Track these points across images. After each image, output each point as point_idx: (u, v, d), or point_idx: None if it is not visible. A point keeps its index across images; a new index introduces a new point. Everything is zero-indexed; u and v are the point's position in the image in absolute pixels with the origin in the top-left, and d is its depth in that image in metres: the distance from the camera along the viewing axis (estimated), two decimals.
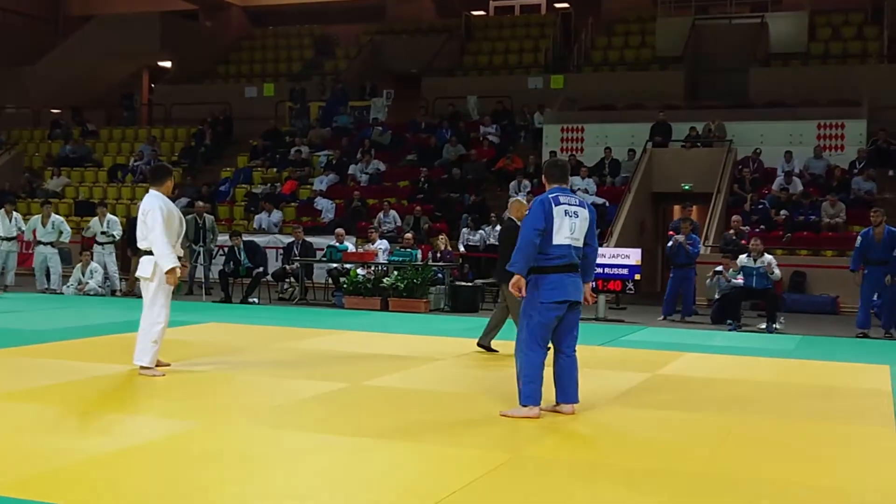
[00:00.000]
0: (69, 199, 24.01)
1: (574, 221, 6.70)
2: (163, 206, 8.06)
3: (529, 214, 6.68)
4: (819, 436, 6.65)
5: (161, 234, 7.96)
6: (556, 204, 6.64)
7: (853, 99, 21.33)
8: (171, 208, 8.18)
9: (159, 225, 7.98)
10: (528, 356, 6.65)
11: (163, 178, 8.36)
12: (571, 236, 6.69)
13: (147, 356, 8.06)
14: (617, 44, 27.00)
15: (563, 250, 6.66)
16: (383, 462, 5.63)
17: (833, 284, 16.61)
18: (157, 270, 8.02)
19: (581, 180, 20.47)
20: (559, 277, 6.64)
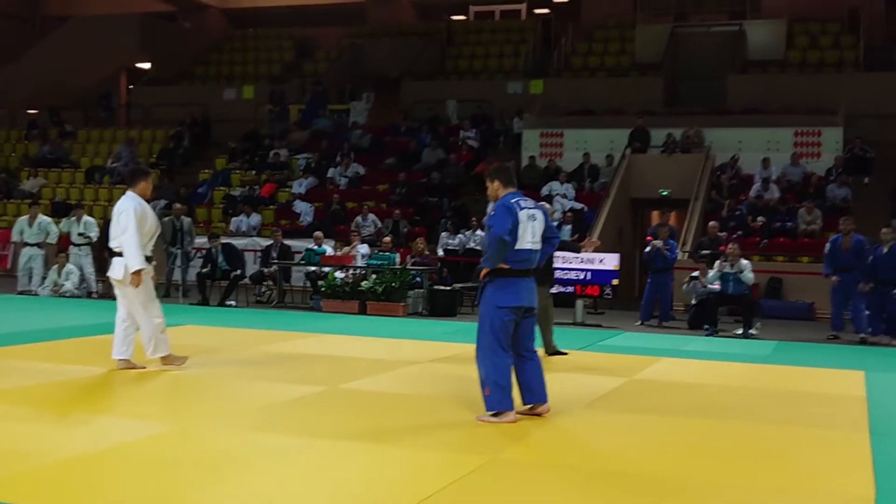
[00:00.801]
0: (46, 200, 23.83)
1: (535, 225, 6.81)
2: (137, 208, 8.13)
3: (497, 216, 6.71)
4: (793, 440, 6.69)
5: (133, 236, 8.05)
6: (519, 209, 6.72)
7: (830, 107, 21.50)
8: (145, 210, 8.24)
9: (132, 226, 8.06)
10: (494, 361, 6.66)
11: (137, 180, 8.42)
12: (533, 240, 6.80)
13: (163, 347, 8.32)
14: (597, 50, 27.11)
15: (524, 254, 6.76)
16: (360, 465, 5.62)
17: (809, 290, 16.73)
18: (128, 268, 8.12)
19: (560, 185, 20.53)
20: (516, 282, 6.73)
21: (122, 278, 8.15)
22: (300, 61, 30.04)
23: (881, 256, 13.34)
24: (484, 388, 6.71)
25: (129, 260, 8.07)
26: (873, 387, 9.02)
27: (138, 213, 8.11)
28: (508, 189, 6.90)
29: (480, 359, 6.76)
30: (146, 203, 8.36)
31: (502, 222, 6.65)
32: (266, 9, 32.58)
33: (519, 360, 6.84)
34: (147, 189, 8.43)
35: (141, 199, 8.28)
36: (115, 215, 8.23)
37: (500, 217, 6.68)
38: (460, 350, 10.68)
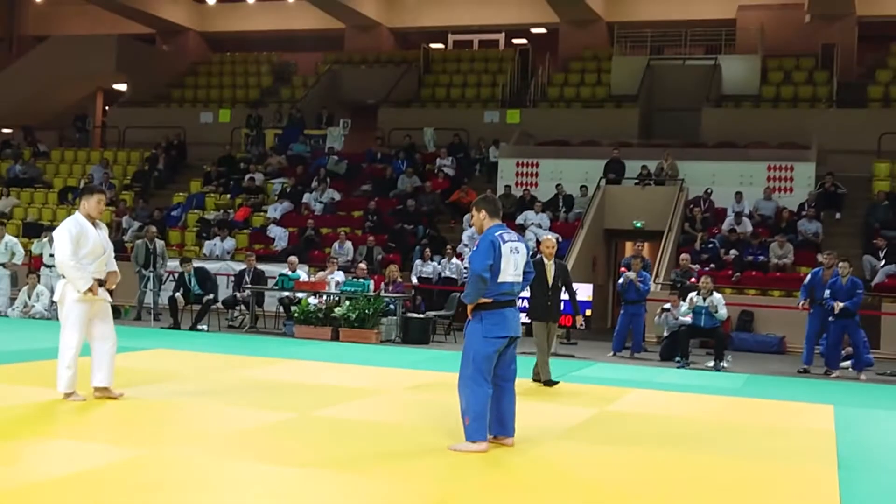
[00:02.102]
0: (17, 220, 23.65)
1: (517, 258, 6.88)
2: (72, 229, 7.91)
3: (480, 252, 6.76)
4: (762, 473, 6.71)
5: (66, 257, 7.83)
6: (502, 242, 6.79)
7: (802, 142, 21.75)
8: (83, 230, 7.95)
9: (65, 247, 7.85)
10: (476, 392, 6.68)
11: (82, 199, 8.18)
12: (515, 273, 6.86)
13: (62, 382, 7.90)
14: (573, 81, 27.33)
15: (507, 287, 6.83)
16: (330, 493, 5.59)
17: (780, 324, 16.84)
18: (64, 292, 7.95)
19: (535, 215, 20.61)
20: (502, 312, 6.80)
21: (59, 298, 8.05)
22: (278, 86, 30.07)
23: (839, 289, 13.45)
24: (464, 418, 6.73)
25: (72, 282, 7.87)
26: (842, 421, 9.07)
27: (73, 234, 7.88)
28: (494, 220, 6.95)
29: (462, 388, 6.77)
30: (89, 223, 8.03)
31: (482, 259, 6.71)
32: (244, 33, 32.65)
33: (496, 390, 6.85)
34: (93, 207, 8.08)
35: (83, 219, 8.01)
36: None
37: (482, 253, 6.73)
38: (433, 378, 10.67)
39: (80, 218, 8.03)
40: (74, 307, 7.92)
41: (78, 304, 7.91)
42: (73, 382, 7.92)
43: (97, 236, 8.05)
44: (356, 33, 30.87)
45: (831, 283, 13.55)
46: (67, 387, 7.89)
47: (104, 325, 8.15)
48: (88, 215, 8.08)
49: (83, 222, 8.01)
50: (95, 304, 8.04)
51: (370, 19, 30.03)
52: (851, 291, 13.39)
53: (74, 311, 7.93)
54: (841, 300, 13.32)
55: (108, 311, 8.23)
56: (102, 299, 8.10)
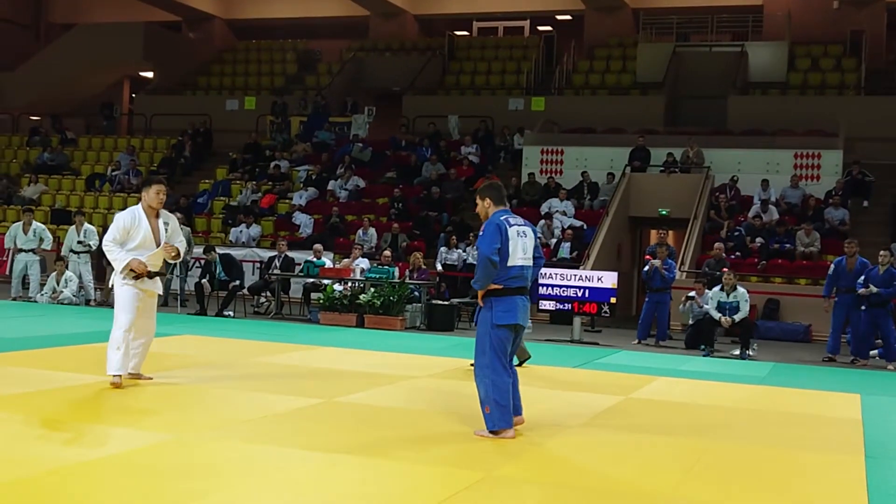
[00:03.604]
0: (45, 206, 23.86)
1: (525, 241, 6.87)
2: (126, 220, 8.06)
3: (486, 236, 6.75)
4: (788, 463, 6.69)
5: (106, 241, 8.07)
6: (508, 226, 6.79)
7: (830, 130, 21.57)
8: (138, 222, 8.07)
9: (109, 233, 8.08)
10: (496, 381, 6.68)
11: (142, 189, 8.32)
12: (524, 257, 6.86)
13: (111, 365, 7.96)
14: (598, 68, 27.21)
15: (517, 271, 6.81)
16: (355, 478, 5.62)
17: (806, 313, 16.73)
18: (114, 280, 8.10)
19: (559, 202, 20.57)
20: (513, 300, 6.80)
21: (111, 285, 8.22)
22: (303, 74, 30.12)
23: (876, 277, 13.38)
24: (484, 407, 6.74)
25: (113, 263, 8.12)
26: (869, 410, 9.03)
27: (124, 225, 8.03)
28: (499, 207, 6.94)
29: (480, 378, 6.77)
30: (145, 216, 8.12)
31: (490, 242, 6.70)
32: (270, 20, 32.70)
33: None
34: (152, 198, 8.15)
35: (140, 211, 8.12)
36: None
37: (489, 237, 6.73)
38: (457, 365, 10.70)
39: (138, 210, 8.12)
40: (123, 290, 8.02)
41: (126, 288, 8.00)
42: (122, 365, 7.98)
43: (148, 230, 8.07)
44: (381, 20, 30.87)
45: (868, 272, 13.47)
46: (116, 369, 7.94)
47: (146, 320, 8.23)
48: (149, 206, 8.14)
49: (140, 215, 8.09)
50: (144, 294, 8.12)
51: (394, 6, 30.03)
52: (889, 282, 13.30)
53: (123, 294, 8.01)
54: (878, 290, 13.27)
55: (153, 306, 8.33)
56: (149, 290, 8.16)
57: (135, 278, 8.01)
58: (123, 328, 7.95)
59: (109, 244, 8.03)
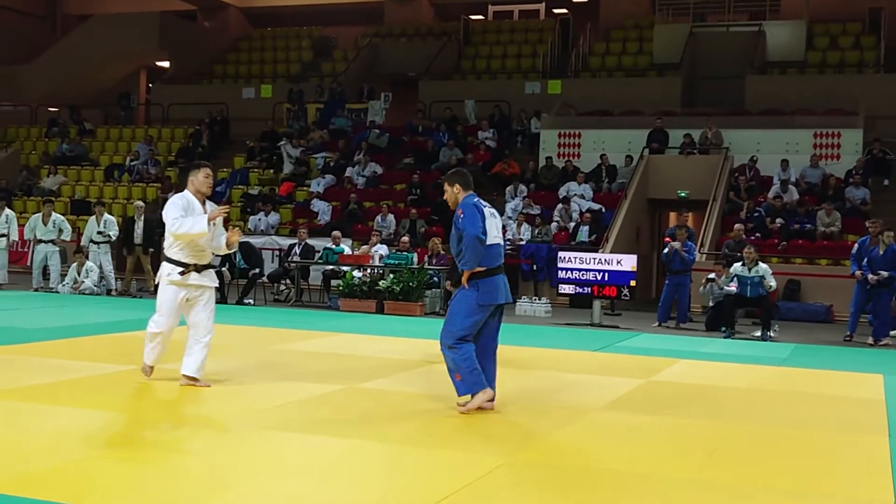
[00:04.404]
0: (65, 197, 24.00)
1: (496, 221, 7.19)
2: (179, 200, 7.52)
3: (468, 217, 6.95)
4: (812, 444, 6.67)
5: (171, 222, 7.40)
6: (483, 206, 7.08)
7: (849, 108, 21.40)
8: (191, 204, 7.53)
9: (170, 213, 7.42)
10: (461, 349, 6.88)
11: (189, 174, 7.76)
12: (498, 235, 7.14)
13: (147, 356, 7.79)
14: (615, 50, 27.07)
15: (497, 249, 7.10)
16: (378, 464, 5.65)
17: (827, 293, 16.66)
18: (160, 273, 7.64)
19: (577, 186, 20.52)
20: (495, 280, 7.03)
21: (157, 279, 7.75)
22: (318, 61, 30.11)
23: (877, 258, 13.35)
24: (454, 375, 6.94)
25: (192, 228, 7.36)
26: (892, 390, 8.99)
27: (181, 204, 7.48)
28: (468, 192, 7.16)
29: (446, 349, 6.96)
30: (197, 201, 7.58)
31: (475, 222, 6.90)
32: (285, 8, 32.68)
33: (483, 352, 7.07)
34: (201, 182, 7.63)
35: (191, 196, 7.58)
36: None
37: (471, 217, 6.93)
38: None
39: (187, 194, 7.60)
40: (166, 290, 7.58)
41: (171, 287, 7.54)
42: (157, 358, 7.76)
43: (202, 215, 7.51)
44: (396, 6, 30.79)
45: (870, 252, 13.43)
46: (149, 360, 7.78)
47: (203, 313, 7.66)
48: (198, 191, 7.63)
49: (192, 200, 7.58)
50: (191, 288, 7.58)
51: None
52: (893, 261, 13.24)
53: (165, 294, 7.59)
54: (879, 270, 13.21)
55: (210, 299, 7.71)
56: (200, 284, 7.61)
57: (181, 273, 7.48)
58: (161, 332, 7.62)
59: (177, 220, 7.36)
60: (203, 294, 7.66)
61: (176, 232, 7.41)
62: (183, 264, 7.54)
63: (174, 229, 7.41)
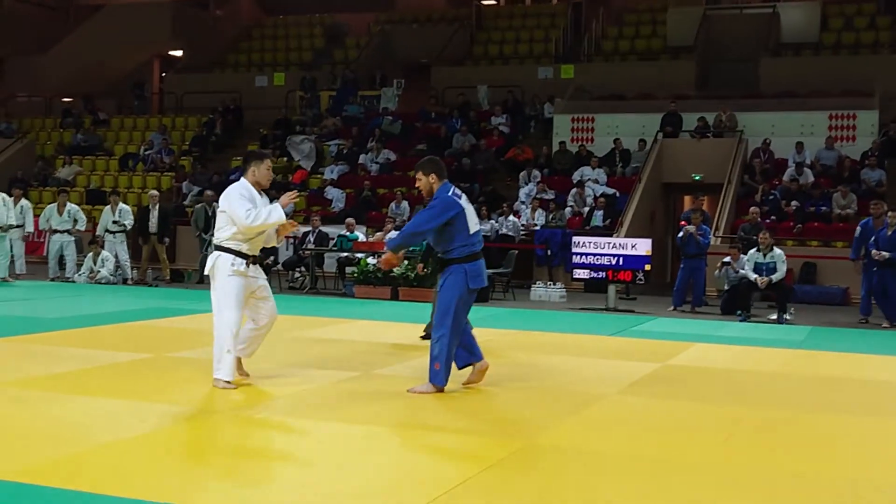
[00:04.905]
0: (80, 187, 24.09)
1: (472, 208, 7.38)
2: (244, 191, 7.11)
3: (436, 210, 7.10)
4: (828, 427, 6.66)
5: (243, 216, 6.97)
6: (458, 197, 7.24)
7: (865, 90, 21.25)
8: (252, 196, 7.13)
9: (241, 206, 6.99)
10: (452, 342, 7.10)
11: (251, 164, 7.29)
12: (476, 221, 7.35)
13: (224, 369, 7.06)
14: (628, 34, 26.95)
15: (477, 236, 7.29)
16: (393, 450, 5.67)
17: (843, 275, 16.58)
18: (216, 265, 7.11)
19: (591, 170, 20.48)
20: (480, 265, 7.25)
21: (209, 272, 7.19)
22: (331, 48, 30.08)
23: (884, 239, 13.30)
24: (434, 364, 7.07)
25: (269, 219, 7.02)
26: None
27: (247, 196, 7.07)
28: (442, 181, 7.27)
29: (440, 338, 7.07)
30: (256, 192, 7.17)
31: (435, 217, 7.09)
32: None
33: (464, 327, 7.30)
34: (263, 175, 7.25)
35: (250, 186, 7.16)
36: (222, 202, 7.18)
37: (438, 212, 7.09)
38: (492, 335, 10.72)
39: (247, 184, 7.19)
40: (231, 282, 7.06)
41: (234, 279, 7.07)
42: (234, 369, 7.15)
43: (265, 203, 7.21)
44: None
45: (877, 233, 13.39)
46: (228, 374, 7.08)
47: (267, 304, 7.33)
48: (257, 183, 7.21)
49: (251, 189, 7.16)
50: (250, 280, 7.18)
51: None
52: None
53: (230, 287, 7.06)
54: (886, 251, 13.17)
55: (269, 290, 7.39)
56: (255, 276, 7.23)
57: (248, 264, 7.12)
58: (232, 328, 7.06)
59: (250, 212, 6.95)
60: (259, 287, 7.27)
61: (252, 224, 6.98)
62: (244, 255, 7.11)
63: (249, 221, 6.96)
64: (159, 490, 4.60)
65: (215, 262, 7.14)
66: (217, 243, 7.22)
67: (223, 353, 7.08)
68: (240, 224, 7.00)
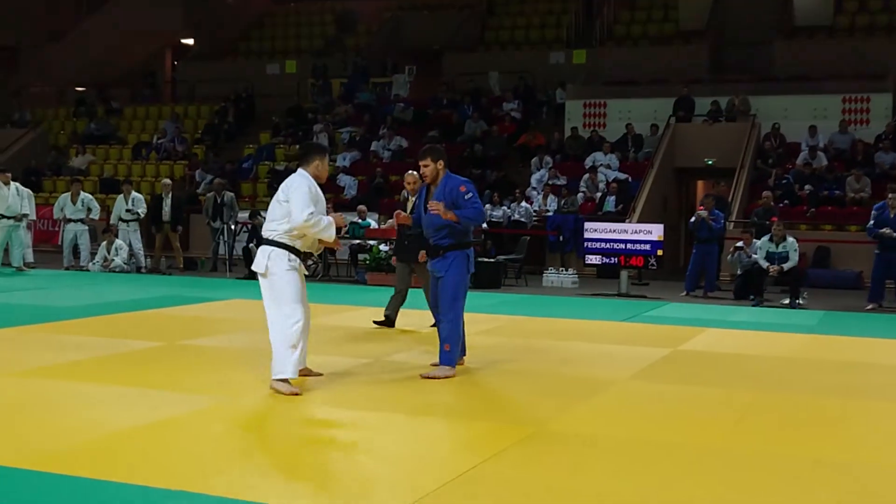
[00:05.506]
0: (94, 176, 24.18)
1: None
2: (312, 187, 6.82)
3: (475, 194, 7.40)
4: (841, 411, 6.65)
5: (303, 217, 6.68)
6: None
7: (879, 72, 21.10)
8: (318, 193, 6.88)
9: (305, 205, 6.71)
10: (459, 323, 7.38)
11: (311, 158, 6.99)
12: None
13: (289, 366, 6.72)
14: (639, 18, 26.80)
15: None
16: (406, 436, 5.69)
17: (857, 259, 16.52)
18: (273, 262, 6.80)
19: (604, 156, 20.43)
20: (473, 249, 7.66)
21: (264, 270, 6.85)
22: (342, 35, 30.03)
23: (891, 220, 13.25)
24: (445, 345, 7.27)
25: (324, 232, 6.79)
26: None
27: (312, 192, 6.79)
28: (446, 168, 7.49)
29: (453, 320, 7.30)
30: (319, 190, 6.92)
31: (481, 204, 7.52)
32: None
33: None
34: (324, 171, 7.02)
35: (313, 183, 6.88)
36: (282, 193, 6.87)
37: (476, 195, 7.44)
38: (504, 322, 10.74)
39: (312, 180, 6.89)
40: (290, 277, 6.81)
41: (293, 274, 6.83)
42: (298, 366, 6.82)
43: (324, 203, 7.02)
44: None
45: (880, 214, 13.38)
46: (293, 372, 6.75)
47: (307, 304, 7.08)
48: (317, 177, 6.94)
49: (317, 187, 6.90)
50: (301, 277, 6.97)
51: None
52: None
53: (292, 283, 6.80)
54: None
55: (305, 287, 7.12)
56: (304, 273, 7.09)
57: (304, 261, 6.97)
58: (300, 322, 6.78)
59: (312, 216, 6.70)
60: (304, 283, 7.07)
61: (309, 228, 6.73)
62: (298, 252, 6.90)
63: (307, 224, 6.70)
64: (172, 477, 4.64)
65: (269, 257, 6.82)
66: (271, 237, 6.88)
67: (286, 350, 6.71)
68: (296, 220, 6.70)
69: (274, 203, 6.92)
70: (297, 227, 6.73)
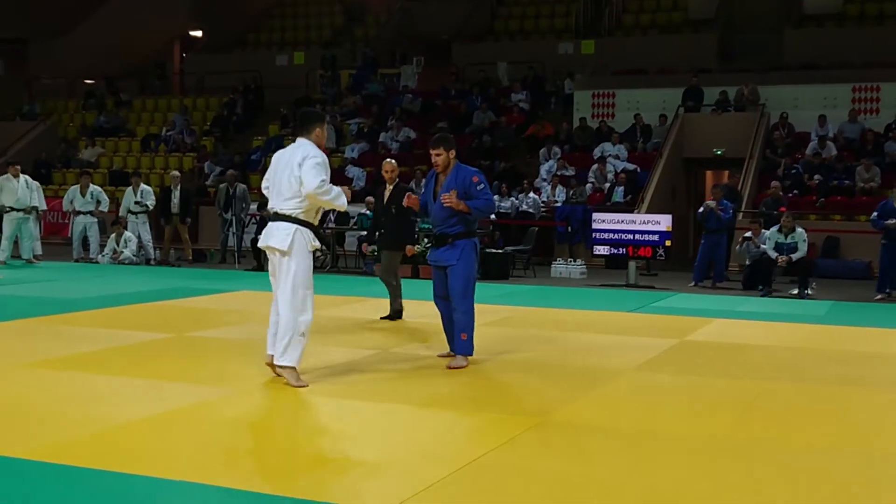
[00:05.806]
0: (103, 168, 24.24)
1: None
2: (322, 160, 6.50)
3: (486, 185, 7.49)
4: (848, 402, 6.65)
5: (316, 184, 6.35)
6: None
7: (889, 61, 21.01)
8: (327, 165, 6.57)
9: (318, 174, 6.37)
10: (473, 311, 7.45)
11: (312, 126, 6.68)
12: None
13: (294, 354, 6.49)
14: (648, 7, 26.71)
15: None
16: (409, 427, 5.71)
17: (866, 249, 16.46)
18: (294, 240, 6.45)
19: (612, 146, 20.39)
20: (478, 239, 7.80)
21: (287, 248, 6.41)
22: (350, 26, 30.03)
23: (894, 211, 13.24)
24: (462, 334, 7.37)
25: (336, 199, 6.49)
26: None
27: (326, 162, 6.50)
28: (456, 158, 7.59)
29: (468, 309, 7.39)
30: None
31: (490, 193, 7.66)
32: None
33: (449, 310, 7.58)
34: (323, 137, 6.71)
35: (317, 146, 6.59)
36: (287, 166, 6.52)
37: (488, 186, 7.55)
38: (512, 313, 10.75)
39: (316, 146, 6.60)
40: (309, 260, 6.54)
41: (310, 256, 6.56)
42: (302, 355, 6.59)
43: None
44: None
45: (884, 205, 13.36)
46: (296, 360, 6.52)
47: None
48: (320, 145, 6.65)
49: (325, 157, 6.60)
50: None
51: None
52: None
53: (310, 267, 6.54)
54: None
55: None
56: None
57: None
58: (310, 319, 6.59)
59: (325, 184, 6.38)
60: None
61: (320, 197, 6.38)
62: (314, 228, 6.64)
63: (319, 191, 6.35)
64: (178, 468, 4.67)
65: (293, 236, 6.43)
66: (288, 213, 6.48)
67: (296, 337, 6.46)
68: (309, 188, 6.31)
69: (289, 178, 6.47)
70: (309, 193, 6.35)
